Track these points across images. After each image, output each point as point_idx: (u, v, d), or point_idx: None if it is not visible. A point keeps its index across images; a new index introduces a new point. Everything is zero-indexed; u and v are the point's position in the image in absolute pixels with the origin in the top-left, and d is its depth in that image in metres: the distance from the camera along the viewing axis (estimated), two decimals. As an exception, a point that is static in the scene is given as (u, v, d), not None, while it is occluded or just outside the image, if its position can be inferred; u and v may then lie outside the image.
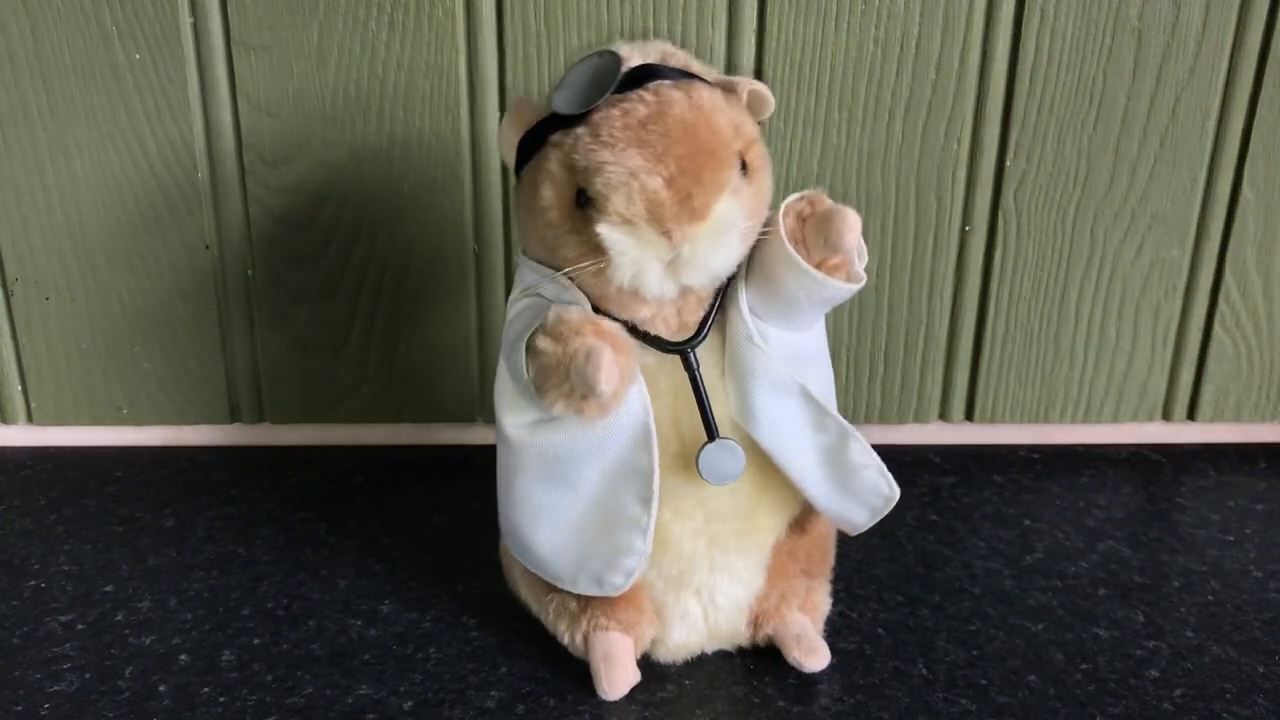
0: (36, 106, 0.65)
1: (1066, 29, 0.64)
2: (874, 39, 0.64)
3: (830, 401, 0.50)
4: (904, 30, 0.64)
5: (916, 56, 0.64)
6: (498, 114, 0.66)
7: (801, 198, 0.48)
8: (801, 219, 0.47)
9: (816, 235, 0.46)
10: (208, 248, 0.68)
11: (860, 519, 0.51)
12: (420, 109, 0.65)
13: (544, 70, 0.65)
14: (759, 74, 0.65)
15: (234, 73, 0.65)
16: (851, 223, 0.45)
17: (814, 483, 0.50)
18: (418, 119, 0.65)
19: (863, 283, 0.47)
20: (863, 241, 0.46)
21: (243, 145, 0.66)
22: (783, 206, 0.47)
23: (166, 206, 0.67)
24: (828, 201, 0.47)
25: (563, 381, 0.44)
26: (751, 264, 0.48)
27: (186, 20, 0.64)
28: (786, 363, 0.48)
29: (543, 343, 0.45)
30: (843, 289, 0.47)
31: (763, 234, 0.47)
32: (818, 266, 0.46)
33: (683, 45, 0.63)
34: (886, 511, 0.50)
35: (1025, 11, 0.64)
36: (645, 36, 0.63)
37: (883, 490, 0.50)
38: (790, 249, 0.46)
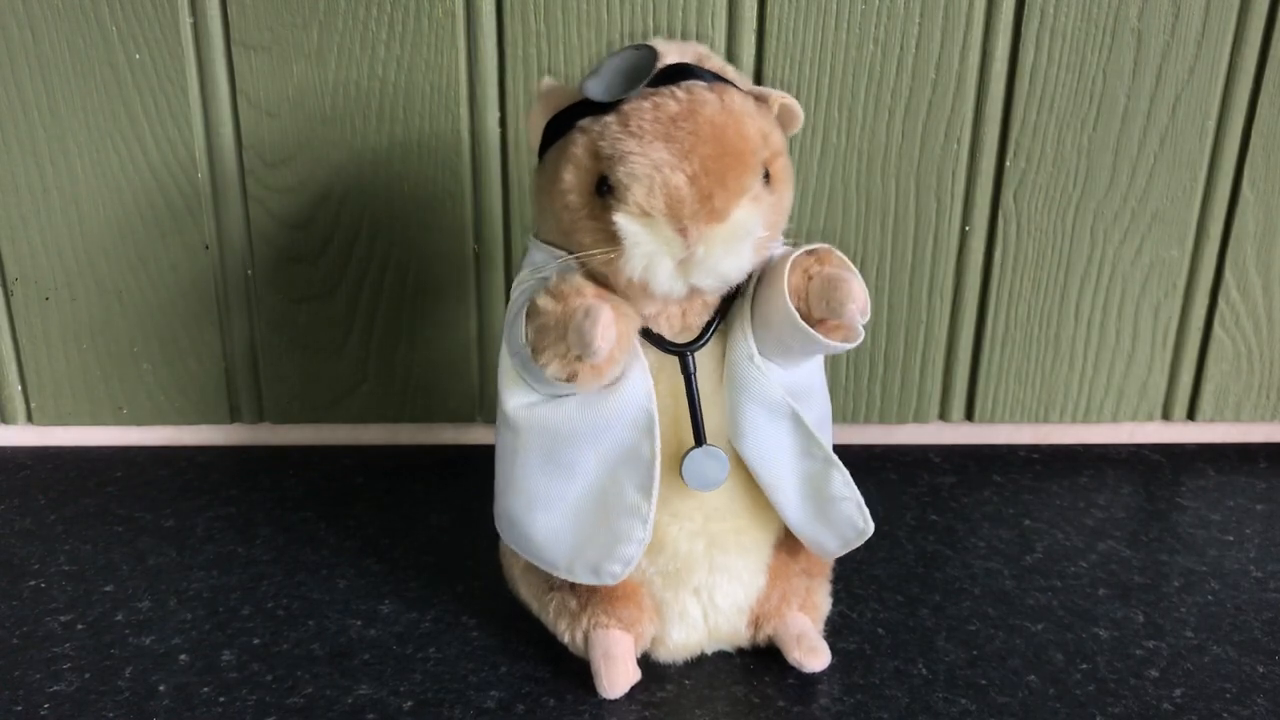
0: (36, 106, 0.65)
1: (1066, 29, 0.64)
2: (874, 39, 0.64)
3: (823, 431, 0.50)
4: (904, 30, 0.64)
5: (916, 56, 0.64)
6: (498, 114, 0.66)
7: (811, 252, 0.47)
8: (808, 276, 0.47)
9: (819, 297, 0.46)
10: (208, 248, 0.68)
11: (831, 546, 0.51)
12: (420, 109, 0.65)
13: (544, 70, 0.65)
14: (759, 74, 0.65)
15: (234, 73, 0.65)
16: (855, 295, 0.45)
17: (792, 506, 0.50)
18: (418, 119, 0.65)
19: (860, 340, 0.47)
20: (867, 301, 0.45)
21: (243, 145, 0.66)
22: (790, 260, 0.47)
23: (166, 206, 0.67)
24: (837, 256, 0.48)
25: (559, 341, 0.44)
26: (755, 304, 0.48)
27: (186, 20, 0.64)
28: (783, 390, 0.48)
29: (544, 301, 0.45)
30: (838, 348, 0.47)
31: (773, 253, 0.47)
32: (818, 323, 0.46)
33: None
34: (858, 544, 0.51)
35: (1025, 11, 0.64)
36: (672, 37, 0.63)
37: (857, 524, 0.50)
38: (791, 309, 0.46)
